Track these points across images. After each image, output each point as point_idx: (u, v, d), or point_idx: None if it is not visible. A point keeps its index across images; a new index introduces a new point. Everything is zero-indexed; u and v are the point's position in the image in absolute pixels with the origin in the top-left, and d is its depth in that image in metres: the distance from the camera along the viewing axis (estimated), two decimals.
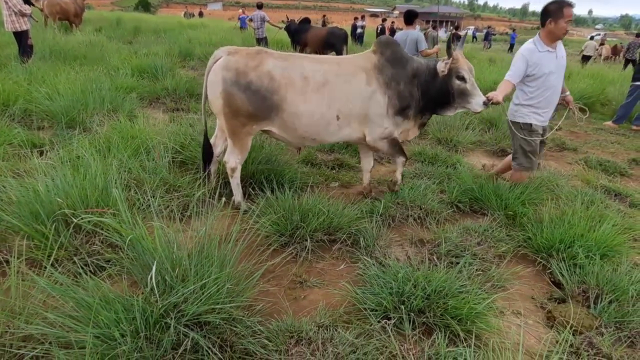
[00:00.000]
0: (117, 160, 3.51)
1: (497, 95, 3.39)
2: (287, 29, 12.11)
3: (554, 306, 2.59)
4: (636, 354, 2.22)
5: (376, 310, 2.32)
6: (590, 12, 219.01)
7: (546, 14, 3.50)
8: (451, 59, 3.30)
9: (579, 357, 2.15)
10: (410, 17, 6.17)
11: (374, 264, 2.66)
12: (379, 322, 2.24)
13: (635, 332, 2.31)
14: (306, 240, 2.99)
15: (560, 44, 3.63)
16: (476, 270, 2.81)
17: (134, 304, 1.90)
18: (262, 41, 12.44)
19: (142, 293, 2.07)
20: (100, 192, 2.91)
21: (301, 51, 11.94)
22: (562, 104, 3.91)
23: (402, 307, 2.28)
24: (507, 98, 3.70)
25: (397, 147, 3.62)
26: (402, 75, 3.40)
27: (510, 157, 4.08)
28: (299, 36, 12.00)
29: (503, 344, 2.21)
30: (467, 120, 6.16)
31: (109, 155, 3.59)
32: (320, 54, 12.36)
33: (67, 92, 5.23)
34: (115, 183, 2.96)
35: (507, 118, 3.86)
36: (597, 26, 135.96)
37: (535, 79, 3.58)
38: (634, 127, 7.59)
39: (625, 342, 2.28)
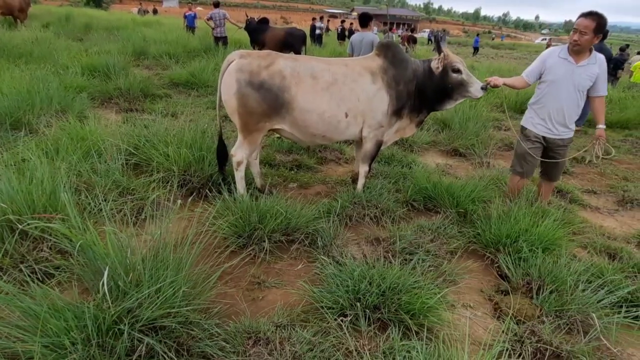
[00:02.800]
0: (67, 163, 3.39)
1: (497, 79, 3.54)
2: (247, 27, 12.00)
3: (501, 298, 2.74)
4: (574, 339, 2.39)
5: (333, 308, 2.37)
6: (537, 17, 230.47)
7: None
8: (442, 55, 3.49)
9: (522, 345, 2.28)
10: (365, 20, 6.27)
11: (330, 263, 2.71)
12: (335, 319, 2.30)
13: (573, 319, 2.48)
14: (264, 241, 3.00)
15: (592, 64, 3.37)
16: (429, 266, 2.93)
17: (85, 311, 1.85)
18: (221, 40, 12.25)
19: (94, 300, 2.02)
20: (48, 196, 2.80)
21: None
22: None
23: (358, 304, 2.34)
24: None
25: (375, 153, 3.80)
26: (403, 76, 3.60)
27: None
28: (258, 36, 11.92)
29: (453, 336, 2.33)
30: None
31: (57, 158, 3.45)
32: None
33: (11, 92, 4.97)
34: (65, 187, 2.86)
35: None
36: (544, 31, 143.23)
37: (544, 82, 3.55)
38: (576, 128, 8.05)
39: (564, 329, 2.44)
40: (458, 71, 3.48)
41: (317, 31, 20.29)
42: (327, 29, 20.26)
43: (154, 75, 9.47)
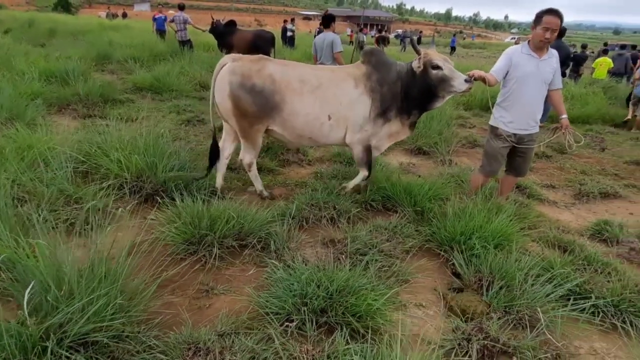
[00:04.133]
0: (9, 172, 3.24)
1: (480, 72, 3.49)
2: (213, 31, 11.83)
3: (452, 296, 2.73)
4: (521, 334, 2.39)
5: (279, 314, 2.32)
6: (506, 17, 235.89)
7: (534, 20, 3.48)
8: (421, 54, 3.51)
9: (469, 343, 2.26)
10: (327, 20, 6.26)
11: (280, 268, 2.65)
12: (281, 325, 2.24)
13: (521, 314, 2.48)
14: (214, 247, 2.93)
15: (550, 57, 3.52)
16: (382, 266, 2.90)
17: (3, 329, 1.74)
18: (185, 44, 12.06)
19: (19, 316, 1.91)
20: None
21: (228, 54, 11.73)
22: (558, 127, 3.67)
23: (305, 308, 2.29)
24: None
25: (367, 158, 3.82)
26: (386, 79, 3.66)
27: (503, 176, 4.08)
28: (225, 39, 11.77)
29: (401, 336, 2.29)
30: None
31: None
32: None
33: None
34: (5, 197, 2.73)
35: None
36: (513, 30, 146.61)
37: (511, 79, 3.55)
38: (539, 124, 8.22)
39: (511, 324, 2.44)
40: (438, 67, 3.47)
41: (289, 33, 20.23)
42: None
43: (117, 80, 9.27)
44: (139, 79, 8.49)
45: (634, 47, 14.46)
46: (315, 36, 22.23)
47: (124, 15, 33.50)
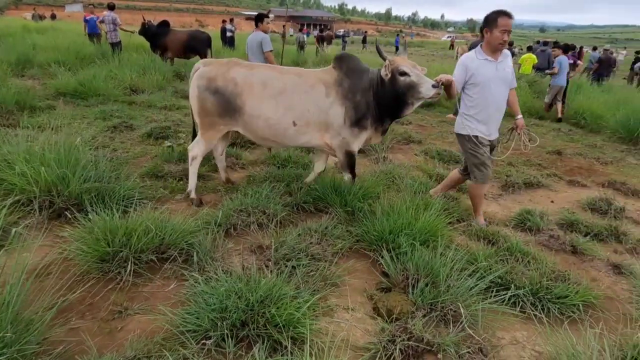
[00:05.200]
0: None
1: (447, 76, 3.46)
2: (144, 32, 11.30)
3: (379, 296, 2.70)
4: (445, 331, 2.40)
5: (196, 332, 2.18)
6: (442, 16, 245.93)
7: (484, 23, 3.47)
8: (388, 61, 3.46)
9: (394, 345, 2.23)
10: (256, 21, 6.20)
11: (200, 281, 2.51)
12: (197, 344, 2.11)
13: (445, 310, 2.49)
14: (131, 262, 2.72)
15: (505, 57, 3.55)
16: (310, 271, 2.83)
17: None
18: (116, 46, 11.45)
19: None
20: None
21: (161, 56, 11.28)
22: (514, 128, 3.72)
23: (224, 323, 2.17)
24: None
25: (350, 162, 3.81)
26: (358, 87, 3.62)
27: (455, 171, 4.10)
28: (158, 40, 11.31)
29: (328, 343, 2.23)
30: None
31: None
32: (182, 58, 11.84)
33: None
34: None
35: (455, 131, 3.83)
36: (449, 29, 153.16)
37: (474, 86, 3.53)
38: (449, 117, 8.50)
39: (436, 320, 2.45)
40: (405, 74, 3.41)
41: (228, 33, 19.83)
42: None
43: (38, 86, 8.63)
44: (61, 83, 7.94)
45: (555, 43, 15.51)
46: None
47: (53, 17, 31.41)
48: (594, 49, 19.50)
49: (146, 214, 3.06)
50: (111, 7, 11.40)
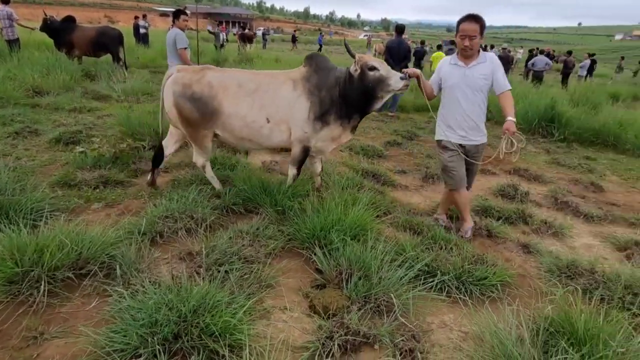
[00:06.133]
0: None
1: (416, 70, 3.50)
2: (46, 28, 10.32)
3: (315, 294, 2.72)
4: (379, 322, 2.47)
5: (124, 351, 2.04)
6: (358, 16, 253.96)
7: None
8: (357, 57, 3.54)
9: (332, 341, 2.26)
10: (172, 17, 5.97)
11: (125, 295, 2.35)
12: None
13: (379, 301, 2.57)
14: (44, 282, 2.48)
15: (481, 63, 3.41)
16: (244, 274, 2.77)
17: None
18: (14, 44, 10.31)
19: None
20: None
21: (68, 54, 10.38)
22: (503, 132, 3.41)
23: (154, 338, 2.05)
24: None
25: (302, 158, 3.87)
26: (325, 83, 3.69)
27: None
28: (63, 37, 10.40)
29: (266, 347, 2.20)
30: None
31: None
32: (91, 56, 11.01)
33: None
34: None
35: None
36: (365, 28, 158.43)
37: (444, 90, 3.55)
38: (390, 114, 8.91)
39: (371, 312, 2.52)
40: (374, 69, 3.48)
41: (142, 30, 18.84)
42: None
43: None
44: None
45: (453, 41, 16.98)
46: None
47: None
48: (491, 47, 21.23)
49: (59, 227, 2.80)
50: (5, 1, 10.20)
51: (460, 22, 3.36)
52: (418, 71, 3.55)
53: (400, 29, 8.36)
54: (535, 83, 13.81)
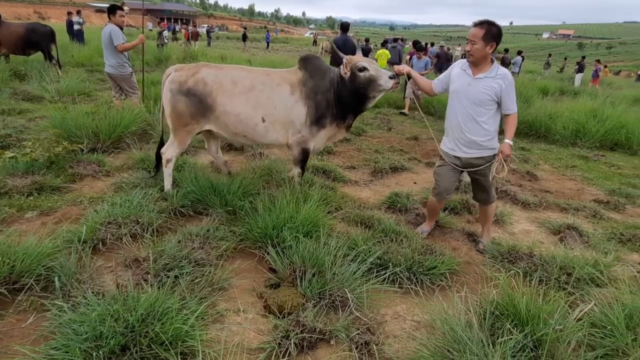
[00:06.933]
0: None
1: (406, 67, 3.46)
2: None
3: (269, 293, 2.69)
4: (335, 317, 2.49)
5: None
6: (304, 13, 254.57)
7: None
8: (346, 59, 3.59)
9: (288, 340, 2.25)
10: (108, 12, 5.68)
11: (66, 309, 2.21)
12: None
13: (333, 297, 2.59)
14: None
15: (493, 76, 3.14)
16: (195, 278, 2.69)
17: None
18: None
19: None
20: None
21: None
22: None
23: (100, 352, 1.94)
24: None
25: (304, 158, 3.94)
26: (321, 86, 3.74)
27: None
28: None
29: (226, 350, 2.15)
30: None
31: None
32: (20, 54, 10.24)
33: None
34: None
35: None
36: (311, 26, 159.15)
37: (449, 94, 3.38)
38: None
39: (326, 308, 2.53)
40: (364, 69, 3.52)
41: (76, 27, 17.78)
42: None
43: None
44: None
45: (400, 39, 17.48)
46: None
47: None
48: (432, 45, 21.98)
49: None
50: None
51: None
52: (407, 67, 3.53)
53: (345, 27, 8.46)
54: None
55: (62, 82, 8.22)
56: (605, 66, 27.81)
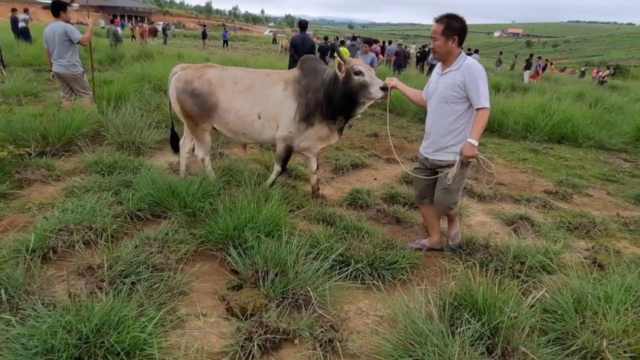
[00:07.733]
0: None
1: (395, 80, 3.43)
2: None
3: (231, 295, 2.65)
4: (298, 316, 2.48)
5: None
6: (262, 11, 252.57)
7: None
8: (343, 62, 3.61)
9: (251, 342, 2.22)
10: (55, 9, 5.41)
11: (14, 322, 2.09)
12: None
13: (297, 296, 2.58)
14: None
15: (455, 70, 2.98)
16: (154, 283, 2.61)
17: None
18: None
19: None
20: None
21: None
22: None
23: None
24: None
25: (287, 156, 4.08)
26: (312, 84, 3.84)
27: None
28: None
29: (186, 356, 2.10)
30: (150, 119, 5.89)
31: None
32: None
33: None
34: None
35: None
36: (270, 24, 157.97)
37: None
38: None
39: (289, 308, 2.52)
40: (360, 73, 3.57)
41: (21, 24, 16.82)
42: None
43: None
44: None
45: (359, 37, 17.65)
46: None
47: None
48: (389, 43, 22.38)
49: None
50: None
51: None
52: (395, 82, 3.41)
53: (303, 25, 8.46)
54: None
55: (7, 82, 7.78)
56: (552, 63, 29.25)
